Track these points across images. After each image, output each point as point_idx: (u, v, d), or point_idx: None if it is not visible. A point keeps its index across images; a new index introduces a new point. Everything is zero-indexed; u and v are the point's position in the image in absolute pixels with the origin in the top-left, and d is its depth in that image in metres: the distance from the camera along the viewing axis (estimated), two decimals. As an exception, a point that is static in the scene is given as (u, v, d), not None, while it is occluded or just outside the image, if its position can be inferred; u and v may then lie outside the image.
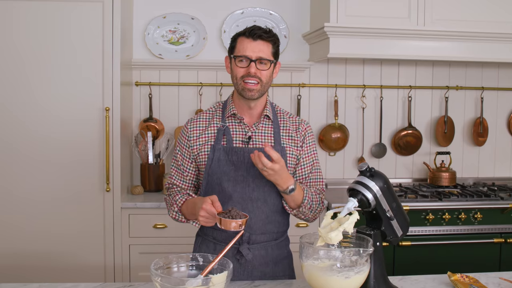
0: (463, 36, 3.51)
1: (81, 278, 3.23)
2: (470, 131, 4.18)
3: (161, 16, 3.81)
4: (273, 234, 2.15)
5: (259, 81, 2.05)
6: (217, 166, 2.09)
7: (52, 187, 3.24)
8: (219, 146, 2.10)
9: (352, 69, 4.02)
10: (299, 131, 2.19)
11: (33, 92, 3.20)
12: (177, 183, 2.22)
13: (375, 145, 4.07)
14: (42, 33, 3.17)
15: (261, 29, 2.06)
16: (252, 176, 2.08)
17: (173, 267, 1.74)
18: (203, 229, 2.21)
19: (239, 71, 2.07)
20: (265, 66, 2.06)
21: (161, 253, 3.04)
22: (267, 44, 2.06)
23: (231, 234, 2.00)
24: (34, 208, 3.24)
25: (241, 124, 2.15)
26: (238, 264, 2.10)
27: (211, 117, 2.19)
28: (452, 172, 3.87)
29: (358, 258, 1.69)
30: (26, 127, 3.21)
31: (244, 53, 2.04)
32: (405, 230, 1.89)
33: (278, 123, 2.18)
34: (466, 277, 1.96)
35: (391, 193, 1.82)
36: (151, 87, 3.83)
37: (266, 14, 3.90)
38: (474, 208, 3.42)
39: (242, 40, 2.06)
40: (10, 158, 3.21)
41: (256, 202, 2.09)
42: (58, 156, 3.23)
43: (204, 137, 2.14)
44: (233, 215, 1.80)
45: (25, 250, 3.24)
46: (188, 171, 2.19)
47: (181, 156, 2.19)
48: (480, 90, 4.13)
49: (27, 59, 3.17)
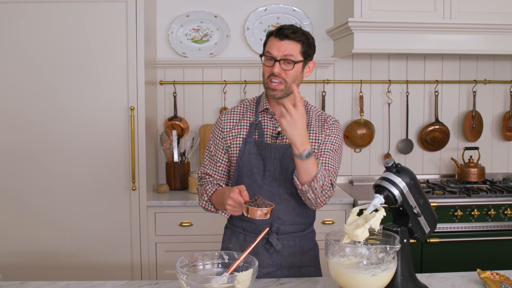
0: (491, 28, 3.44)
1: (108, 276, 3.27)
2: (499, 125, 4.10)
3: (184, 15, 3.82)
4: (301, 226, 2.18)
5: (282, 81, 2.05)
6: (247, 159, 2.13)
7: (78, 186, 3.28)
8: (251, 140, 2.14)
9: (377, 64, 3.98)
10: (324, 127, 2.18)
11: (57, 94, 3.23)
12: (209, 172, 2.26)
13: (401, 141, 4.02)
14: (65, 35, 3.20)
15: (290, 28, 2.05)
16: (279, 171, 2.11)
17: (198, 265, 1.74)
18: (232, 221, 2.25)
19: (266, 70, 2.09)
20: (289, 66, 2.05)
21: (187, 251, 3.06)
22: (294, 44, 2.05)
23: (259, 225, 2.07)
24: (61, 207, 3.28)
25: (273, 119, 2.18)
26: (268, 254, 2.13)
27: (245, 111, 2.23)
28: (481, 167, 3.80)
29: (385, 255, 1.66)
30: (52, 129, 3.24)
31: (270, 52, 2.06)
32: (433, 227, 1.86)
33: (307, 120, 2.17)
34: (497, 275, 1.92)
35: (418, 189, 1.79)
36: (175, 85, 3.85)
37: (290, 10, 3.88)
38: (504, 204, 3.35)
39: (271, 39, 2.08)
40: (37, 159, 3.25)
41: (284, 196, 2.12)
42: (84, 156, 3.27)
43: (237, 129, 2.18)
44: (259, 204, 1.83)
45: (53, 249, 3.28)
46: (221, 161, 2.23)
47: (214, 146, 2.23)
48: (509, 84, 4.05)
49: (52, 62, 3.21)
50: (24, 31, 3.18)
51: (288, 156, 2.09)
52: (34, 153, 3.25)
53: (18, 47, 3.19)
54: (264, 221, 2.03)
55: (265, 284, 1.94)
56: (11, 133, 3.24)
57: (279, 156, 2.10)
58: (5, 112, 3.23)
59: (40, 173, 3.26)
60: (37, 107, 3.23)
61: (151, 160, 3.55)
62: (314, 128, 2.17)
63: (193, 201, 3.34)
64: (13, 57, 3.19)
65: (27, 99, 3.22)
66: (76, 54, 3.22)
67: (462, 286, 1.92)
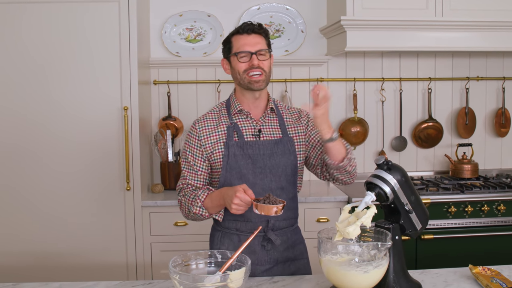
0: (483, 25, 3.45)
1: (104, 277, 3.27)
2: (492, 122, 4.12)
3: (178, 14, 3.82)
4: (291, 220, 2.24)
5: (262, 72, 2.13)
6: (234, 161, 2.14)
7: (72, 187, 3.28)
8: (232, 142, 2.16)
9: (370, 62, 3.99)
10: (301, 119, 2.29)
11: (51, 94, 3.23)
12: (191, 182, 2.22)
13: (395, 138, 4.03)
14: (58, 35, 3.20)
15: (251, 24, 2.15)
16: (269, 167, 2.15)
17: (191, 264, 1.75)
18: (224, 223, 2.22)
19: (241, 66, 2.14)
20: (265, 57, 2.14)
21: (182, 250, 3.05)
22: (261, 37, 2.15)
23: (255, 223, 2.13)
24: (55, 208, 3.28)
25: (248, 119, 2.21)
26: (265, 252, 2.17)
27: (217, 116, 2.24)
28: (474, 164, 3.82)
29: (376, 252, 1.67)
30: (45, 128, 3.24)
31: (244, 49, 2.12)
32: (425, 224, 1.87)
33: (281, 115, 2.27)
34: (488, 270, 1.93)
35: (409, 186, 1.80)
36: (169, 85, 3.85)
37: (283, 9, 3.89)
38: (497, 200, 3.37)
39: (237, 38, 2.15)
40: (29, 158, 3.25)
41: (275, 191, 2.16)
42: (78, 156, 3.27)
43: (215, 135, 2.19)
44: (272, 201, 1.89)
45: (47, 249, 3.29)
46: (201, 170, 2.21)
47: (193, 157, 2.21)
48: (502, 80, 4.07)
49: (44, 62, 3.21)
50: (17, 31, 3.18)
51: (276, 152, 2.16)
52: (27, 152, 3.25)
53: (11, 46, 3.19)
54: (259, 218, 2.11)
55: (258, 283, 1.95)
56: (4, 131, 3.23)
57: (268, 152, 2.15)
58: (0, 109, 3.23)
59: (34, 174, 3.26)
60: (32, 106, 3.23)
61: (145, 160, 3.55)
62: (291, 123, 2.26)
63: (188, 200, 3.34)
64: (7, 56, 3.19)
65: (23, 97, 3.22)
66: (69, 54, 3.21)
67: (455, 281, 1.93)
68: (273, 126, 2.22)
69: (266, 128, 2.21)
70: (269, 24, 3.88)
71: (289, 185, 2.20)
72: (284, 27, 3.90)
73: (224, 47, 2.21)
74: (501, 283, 1.81)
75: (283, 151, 2.17)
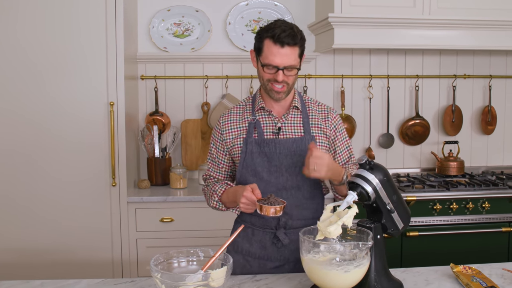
0: (470, 24, 3.47)
1: (89, 274, 3.26)
2: (479, 119, 4.14)
3: (166, 9, 3.80)
4: (309, 220, 2.20)
5: (285, 85, 2.09)
6: (250, 158, 2.16)
7: (57, 182, 3.25)
8: (251, 139, 2.16)
9: (358, 59, 4.00)
10: (329, 121, 2.24)
11: (36, 88, 3.20)
12: (213, 174, 2.32)
13: (382, 135, 4.05)
14: (43, 28, 3.17)
15: (287, 32, 2.01)
16: (285, 166, 2.15)
17: (173, 262, 1.75)
18: (241, 216, 2.28)
19: (266, 75, 2.09)
20: (292, 72, 2.08)
21: (168, 246, 3.07)
22: (294, 49, 2.05)
23: (268, 219, 2.15)
24: (38, 204, 3.25)
25: (271, 116, 2.20)
26: (275, 248, 2.16)
27: (241, 111, 2.25)
28: (460, 161, 3.84)
29: (357, 251, 1.68)
30: (29, 123, 3.21)
31: (272, 62, 2.04)
32: (406, 223, 1.88)
33: (307, 112, 2.22)
34: (469, 269, 1.95)
35: (391, 185, 1.81)
36: (156, 80, 3.84)
37: (271, 5, 3.88)
38: (482, 198, 3.40)
39: (269, 45, 2.04)
40: (12, 154, 3.21)
41: (290, 190, 2.16)
42: (63, 151, 3.24)
43: (236, 130, 2.21)
44: (271, 201, 1.91)
45: (31, 246, 3.26)
46: (223, 163, 2.29)
47: (215, 149, 2.29)
48: (488, 78, 4.09)
49: (30, 56, 3.17)
50: (2, 25, 3.14)
51: (295, 150, 2.14)
52: (10, 147, 3.21)
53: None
54: (273, 216, 2.09)
55: (241, 281, 1.96)
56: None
57: (285, 151, 2.14)
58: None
59: (16, 169, 3.22)
60: (17, 100, 3.19)
61: (132, 156, 3.54)
62: (317, 121, 2.22)
63: (174, 196, 3.34)
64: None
65: (8, 91, 3.18)
66: (55, 48, 3.18)
67: (436, 280, 1.94)
68: (295, 124, 2.19)
69: (288, 126, 2.18)
70: (257, 20, 3.87)
71: (306, 184, 2.17)
72: (272, 23, 3.89)
73: (256, 41, 2.11)
74: (481, 282, 1.83)
75: (302, 150, 2.14)
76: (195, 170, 3.89)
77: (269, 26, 2.07)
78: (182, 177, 3.55)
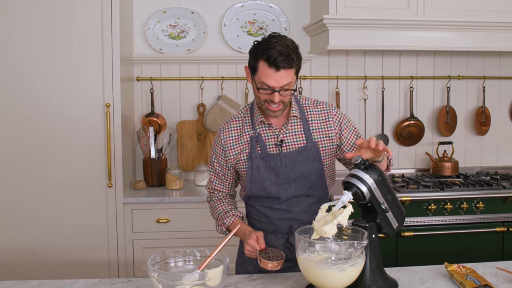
0: (464, 25, 3.49)
1: (85, 274, 3.26)
2: (473, 120, 4.17)
3: (161, 11, 3.82)
4: None
5: (281, 104, 2.06)
6: (257, 174, 2.16)
7: (53, 183, 3.26)
8: (255, 154, 2.15)
9: (353, 60, 4.01)
10: (330, 120, 2.21)
11: (32, 89, 3.21)
12: (218, 188, 2.33)
13: (377, 136, 4.07)
14: (40, 30, 3.18)
15: (283, 55, 1.95)
16: (292, 177, 2.15)
17: (170, 262, 1.76)
18: (253, 221, 2.29)
19: (262, 96, 2.06)
20: (288, 92, 2.04)
21: (164, 247, 3.07)
22: (290, 71, 2.00)
23: (279, 226, 2.19)
24: (35, 205, 3.26)
25: (271, 128, 2.18)
26: (289, 252, 2.16)
27: (241, 124, 2.22)
28: (455, 162, 3.87)
29: (353, 250, 1.70)
30: (26, 123, 3.22)
31: (267, 83, 2.00)
32: (401, 222, 1.90)
33: (306, 119, 2.19)
34: (463, 268, 1.97)
35: (386, 185, 1.83)
36: (152, 82, 3.85)
37: (266, 7, 3.90)
38: (476, 198, 3.42)
39: (264, 67, 1.99)
40: (11, 155, 3.22)
41: (299, 198, 2.18)
42: (59, 152, 3.25)
43: (238, 146, 2.20)
44: (270, 256, 1.94)
45: (28, 247, 3.27)
46: (227, 177, 2.30)
47: (218, 164, 2.27)
48: (482, 80, 4.11)
49: (27, 57, 3.18)
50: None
51: (300, 160, 2.13)
52: (6, 148, 3.22)
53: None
54: (282, 222, 2.18)
55: (237, 281, 1.97)
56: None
57: (291, 163, 2.13)
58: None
59: (13, 170, 3.23)
60: (13, 101, 3.19)
61: (128, 157, 3.55)
62: (318, 125, 2.19)
63: (170, 197, 3.35)
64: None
65: (4, 92, 3.19)
66: (52, 50, 3.19)
67: (430, 279, 1.96)
68: (296, 132, 2.17)
69: (289, 136, 2.16)
70: (252, 22, 3.89)
71: (314, 190, 2.19)
72: (267, 25, 3.91)
73: (251, 58, 2.05)
74: (475, 280, 1.85)
75: (306, 159, 2.14)
76: (191, 171, 3.90)
77: (264, 45, 1.99)
78: (178, 178, 3.56)
